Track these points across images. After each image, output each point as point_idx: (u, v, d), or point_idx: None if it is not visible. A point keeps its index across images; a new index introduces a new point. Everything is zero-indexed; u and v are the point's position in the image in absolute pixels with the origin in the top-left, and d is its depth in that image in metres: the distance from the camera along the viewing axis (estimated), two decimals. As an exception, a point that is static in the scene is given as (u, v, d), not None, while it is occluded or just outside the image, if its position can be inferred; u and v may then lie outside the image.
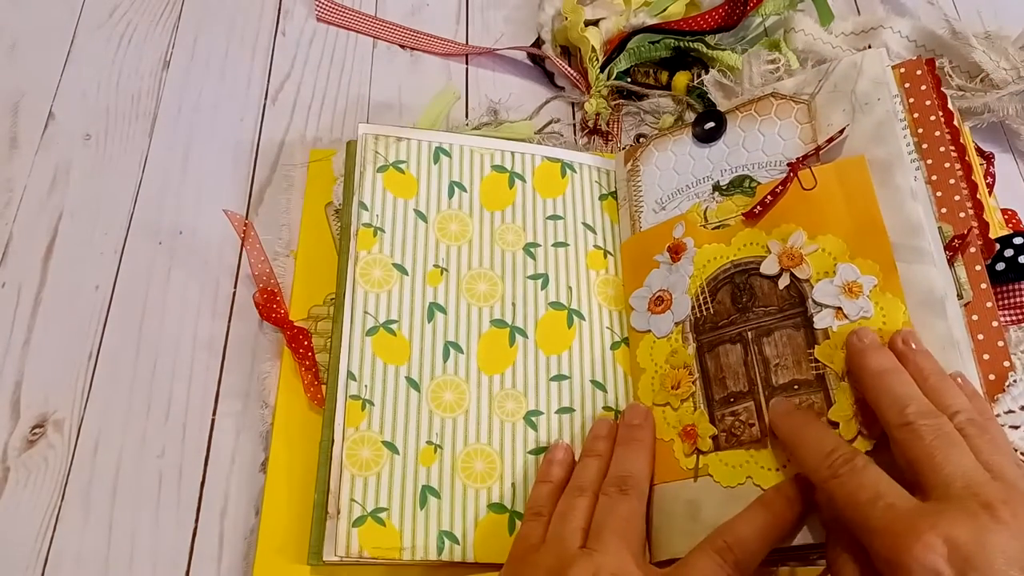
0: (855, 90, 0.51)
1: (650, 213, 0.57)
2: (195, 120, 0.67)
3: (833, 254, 0.47)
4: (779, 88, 0.54)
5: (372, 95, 0.68)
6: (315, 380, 0.53)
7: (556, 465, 0.50)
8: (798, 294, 0.48)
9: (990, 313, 0.44)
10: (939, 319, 0.43)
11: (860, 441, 0.42)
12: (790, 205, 0.50)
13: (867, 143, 0.49)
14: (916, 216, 0.46)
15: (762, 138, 0.54)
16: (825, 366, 0.45)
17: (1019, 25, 0.65)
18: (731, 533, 0.42)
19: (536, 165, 0.60)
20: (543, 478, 0.49)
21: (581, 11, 0.67)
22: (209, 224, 0.61)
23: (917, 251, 0.45)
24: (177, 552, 0.50)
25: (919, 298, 0.44)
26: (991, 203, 0.55)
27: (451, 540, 0.48)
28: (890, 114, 0.49)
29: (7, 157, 0.64)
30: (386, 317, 0.53)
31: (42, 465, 0.53)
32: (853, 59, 0.52)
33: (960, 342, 0.43)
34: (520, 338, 0.54)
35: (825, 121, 0.51)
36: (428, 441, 0.51)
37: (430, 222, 0.57)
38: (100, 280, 0.59)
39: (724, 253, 0.52)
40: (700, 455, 0.48)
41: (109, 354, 0.57)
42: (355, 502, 0.48)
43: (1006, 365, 0.43)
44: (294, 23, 0.73)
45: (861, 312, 0.45)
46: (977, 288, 0.45)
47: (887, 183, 0.47)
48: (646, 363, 0.53)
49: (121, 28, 0.72)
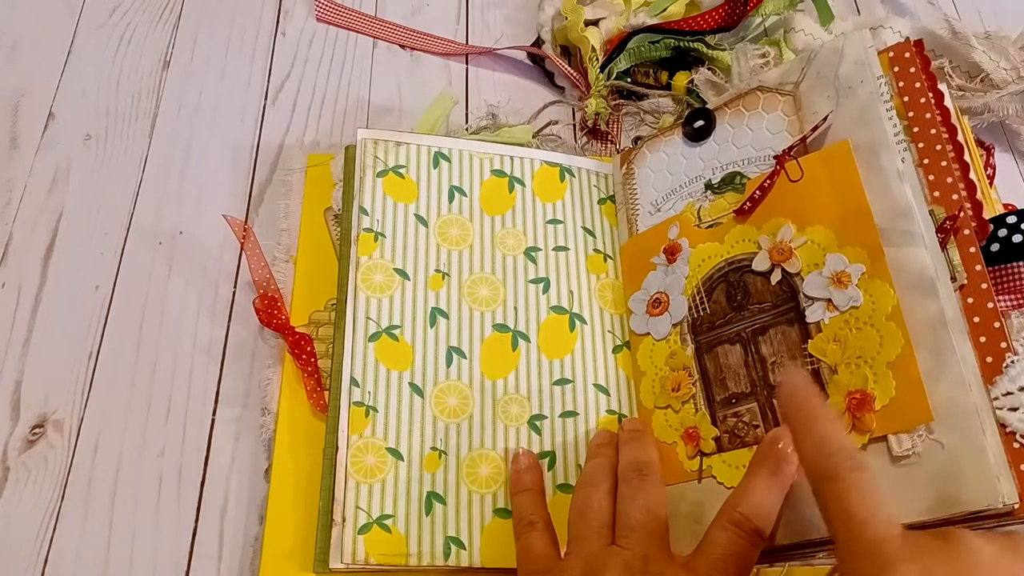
0: (838, 74, 0.50)
1: (646, 215, 0.57)
2: (195, 120, 0.67)
3: (822, 245, 0.47)
4: (764, 80, 0.54)
5: (372, 95, 0.68)
6: (318, 386, 0.53)
7: (525, 472, 0.50)
8: (790, 289, 0.48)
9: (986, 295, 0.44)
10: (931, 300, 0.42)
11: (853, 436, 0.42)
12: (779, 198, 0.50)
13: (852, 128, 0.48)
14: (904, 198, 0.45)
15: (750, 133, 0.54)
16: (819, 360, 0.45)
17: (1019, 25, 0.65)
18: (742, 503, 0.42)
19: (535, 169, 0.60)
20: (518, 488, 0.49)
21: (581, 11, 0.67)
22: (209, 227, 0.61)
23: (906, 234, 0.44)
24: (177, 552, 0.51)
25: (910, 281, 0.43)
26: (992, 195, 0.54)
27: (457, 546, 0.49)
28: (874, 96, 0.48)
29: (7, 157, 0.64)
30: (388, 322, 0.53)
31: (42, 465, 0.53)
32: (835, 43, 0.51)
33: (953, 322, 0.42)
34: (522, 342, 0.54)
35: (810, 109, 0.51)
36: (432, 447, 0.51)
37: (430, 227, 0.57)
38: (100, 280, 0.59)
39: (718, 252, 0.52)
40: (703, 457, 0.48)
41: (109, 354, 0.57)
42: (360, 509, 0.48)
43: (1003, 347, 0.42)
44: (294, 23, 0.73)
45: (851, 302, 0.45)
46: (972, 270, 0.44)
47: (873, 166, 0.46)
48: (646, 366, 0.53)
49: (121, 28, 0.72)
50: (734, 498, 0.42)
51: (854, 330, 0.44)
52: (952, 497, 0.39)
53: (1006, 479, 0.39)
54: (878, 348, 0.43)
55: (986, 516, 0.39)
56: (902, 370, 0.42)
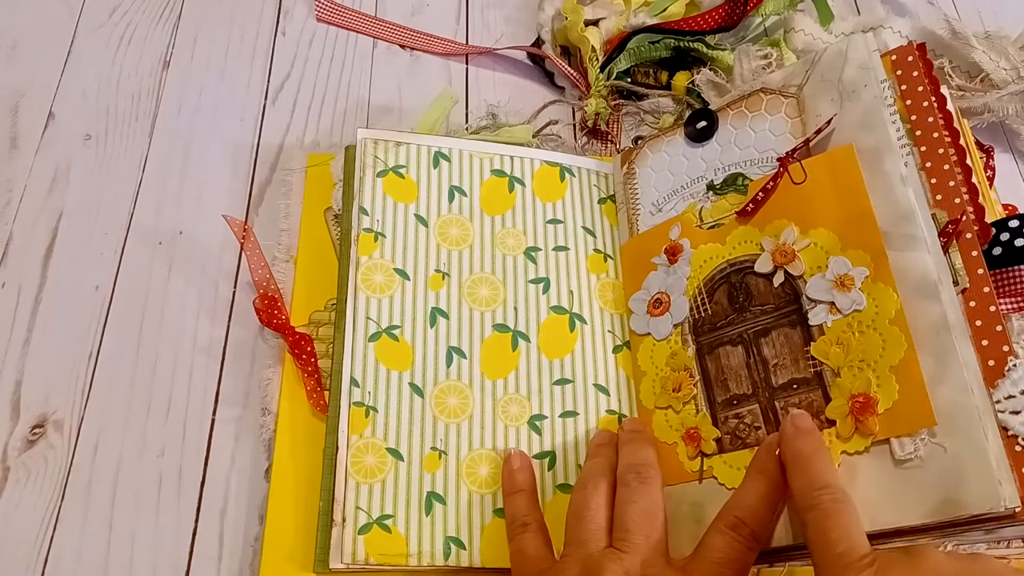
0: (842, 78, 0.50)
1: (647, 215, 0.57)
2: (195, 120, 0.67)
3: (825, 248, 0.47)
4: (767, 82, 0.54)
5: (372, 95, 0.68)
6: (318, 387, 0.53)
7: (518, 473, 0.50)
8: (792, 291, 0.48)
9: (988, 299, 0.44)
10: (933, 304, 0.42)
11: (856, 439, 0.42)
12: (782, 200, 0.50)
13: (856, 131, 0.48)
14: (907, 202, 0.45)
15: (753, 135, 0.54)
16: (821, 363, 0.45)
17: (1019, 25, 0.65)
18: (739, 507, 0.42)
19: (535, 169, 0.60)
20: (512, 489, 0.49)
21: (581, 11, 0.67)
22: (209, 227, 0.61)
23: (909, 238, 0.44)
24: (177, 552, 0.51)
25: (913, 285, 0.43)
26: (992, 196, 0.54)
27: (457, 546, 0.49)
28: (877, 100, 0.48)
29: (7, 157, 0.64)
30: (388, 322, 0.53)
31: (42, 465, 0.53)
32: (839, 47, 0.51)
33: (955, 326, 0.42)
34: (523, 342, 0.54)
35: (813, 112, 0.51)
36: (433, 447, 0.51)
37: (431, 227, 0.57)
38: (100, 280, 0.59)
39: (720, 253, 0.51)
40: (704, 457, 0.48)
41: (109, 354, 0.57)
42: (360, 509, 0.48)
43: (1005, 350, 0.42)
44: (294, 23, 0.73)
45: (854, 305, 0.45)
46: (974, 274, 0.45)
47: (877, 170, 0.46)
48: (647, 366, 0.53)
49: (121, 28, 0.72)
50: (732, 502, 0.43)
51: (857, 333, 0.44)
52: (954, 500, 0.39)
53: (1008, 482, 0.39)
54: (881, 351, 0.43)
55: (987, 519, 0.39)
56: (905, 374, 0.42)
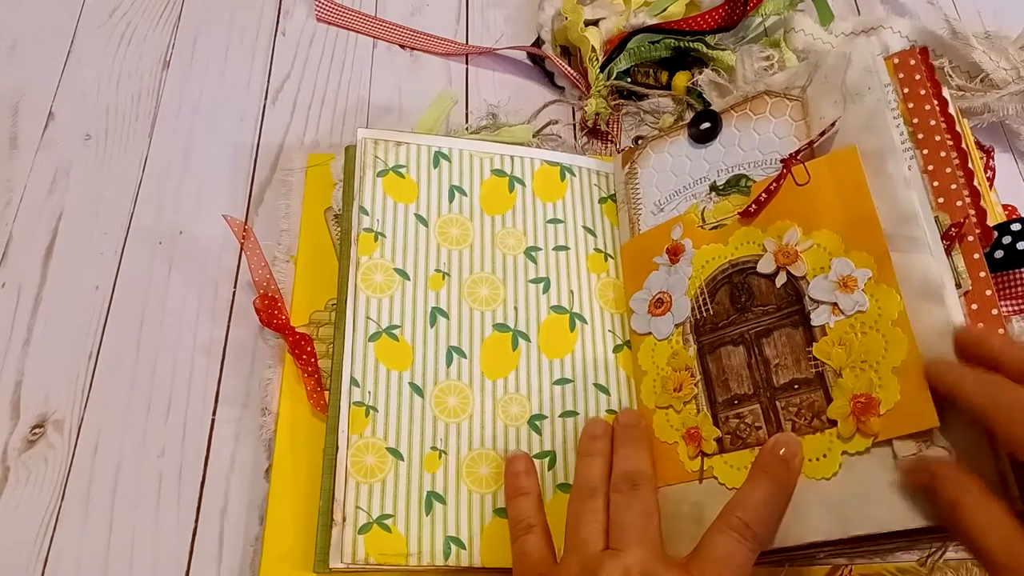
0: (845, 81, 0.50)
1: (648, 215, 0.57)
2: (195, 120, 0.67)
3: (828, 249, 0.47)
4: (771, 84, 0.54)
5: (372, 95, 0.68)
6: (318, 386, 0.53)
7: (523, 476, 0.50)
8: (795, 292, 0.48)
9: (990, 301, 0.44)
10: (937, 307, 0.42)
11: (858, 439, 0.42)
12: (785, 201, 0.50)
13: (859, 134, 0.48)
14: (910, 204, 0.45)
15: (757, 137, 0.54)
16: (823, 363, 0.45)
17: (1019, 25, 0.65)
18: (742, 508, 0.42)
19: (535, 169, 0.60)
20: (516, 492, 0.49)
21: (581, 11, 0.67)
22: (209, 227, 0.61)
23: (912, 240, 0.44)
24: (177, 552, 0.50)
25: (916, 287, 0.43)
26: (992, 197, 0.54)
27: (458, 545, 0.48)
28: (881, 103, 0.48)
29: (7, 157, 0.64)
30: (388, 322, 0.53)
31: (42, 465, 0.53)
32: (842, 50, 0.51)
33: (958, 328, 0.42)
34: (523, 342, 0.54)
35: (817, 114, 0.51)
36: (433, 447, 0.51)
37: (431, 226, 0.57)
38: (100, 280, 0.59)
39: (722, 253, 0.51)
40: (705, 457, 0.48)
41: (109, 354, 0.57)
42: (360, 509, 0.48)
43: None
44: (294, 23, 0.73)
45: (856, 306, 0.45)
46: (976, 277, 0.45)
47: (880, 172, 0.46)
48: (647, 366, 0.53)
49: (121, 28, 0.72)
50: (734, 503, 0.43)
51: (859, 334, 0.44)
52: None
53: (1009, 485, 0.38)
54: (883, 353, 0.43)
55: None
56: (907, 375, 0.42)
